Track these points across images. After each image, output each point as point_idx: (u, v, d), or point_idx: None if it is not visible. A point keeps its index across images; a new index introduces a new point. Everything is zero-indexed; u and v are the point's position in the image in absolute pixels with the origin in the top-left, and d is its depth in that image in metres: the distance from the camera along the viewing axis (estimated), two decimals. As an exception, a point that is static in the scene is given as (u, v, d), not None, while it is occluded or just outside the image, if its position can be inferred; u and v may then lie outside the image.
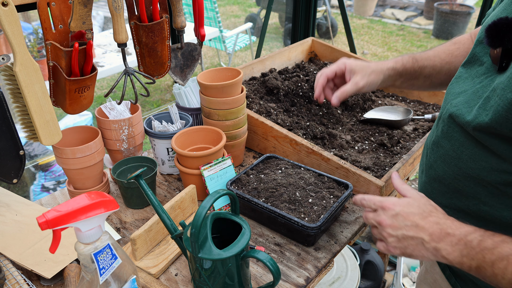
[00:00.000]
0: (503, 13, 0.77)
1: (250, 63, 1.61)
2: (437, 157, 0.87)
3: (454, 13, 5.90)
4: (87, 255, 0.68)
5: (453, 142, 0.82)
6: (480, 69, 0.81)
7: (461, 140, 0.80)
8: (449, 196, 0.85)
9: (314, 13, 2.17)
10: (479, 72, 0.81)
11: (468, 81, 0.83)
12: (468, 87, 0.82)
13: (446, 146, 0.83)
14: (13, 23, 0.82)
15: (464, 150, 0.79)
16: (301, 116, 1.45)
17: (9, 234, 0.98)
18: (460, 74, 0.87)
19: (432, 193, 0.89)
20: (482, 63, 0.81)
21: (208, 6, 4.22)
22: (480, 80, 0.80)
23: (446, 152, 0.83)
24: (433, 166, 0.89)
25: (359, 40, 6.17)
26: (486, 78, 0.78)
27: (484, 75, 0.79)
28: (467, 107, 0.78)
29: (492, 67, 0.78)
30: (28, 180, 2.65)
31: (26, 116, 0.95)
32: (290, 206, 1.02)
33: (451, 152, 0.82)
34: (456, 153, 0.81)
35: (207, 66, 5.35)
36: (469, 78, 0.84)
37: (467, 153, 0.78)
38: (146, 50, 1.11)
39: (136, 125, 1.19)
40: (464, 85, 0.84)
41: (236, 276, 0.80)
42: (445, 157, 0.84)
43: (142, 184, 0.85)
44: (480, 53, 0.82)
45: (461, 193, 0.82)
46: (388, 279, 2.17)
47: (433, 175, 0.89)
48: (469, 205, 0.81)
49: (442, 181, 0.86)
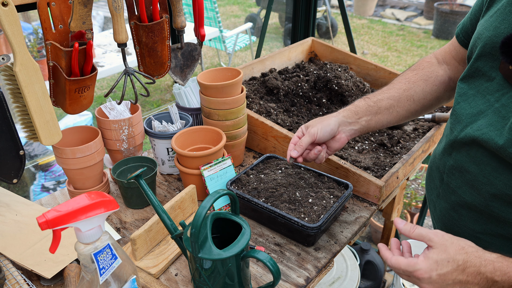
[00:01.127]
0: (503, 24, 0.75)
1: (250, 63, 1.61)
2: (462, 182, 0.84)
3: (454, 13, 5.90)
4: (87, 255, 0.68)
5: (483, 167, 0.79)
6: (491, 85, 0.79)
7: (494, 165, 0.77)
8: (482, 222, 0.82)
9: (314, 13, 2.17)
10: (490, 88, 0.79)
11: (479, 99, 0.81)
12: (484, 107, 0.79)
13: (475, 172, 0.81)
14: (13, 23, 0.82)
15: (498, 175, 0.76)
16: (301, 116, 1.45)
17: (9, 234, 0.98)
18: (464, 91, 0.85)
19: (460, 220, 0.87)
20: (491, 78, 0.79)
21: (208, 6, 4.22)
22: (495, 98, 0.77)
23: (475, 177, 0.81)
24: (456, 192, 0.86)
25: (359, 40, 6.17)
26: (503, 96, 0.76)
27: (499, 92, 0.77)
28: (494, 130, 0.76)
29: (505, 83, 0.76)
30: (28, 180, 2.65)
31: (26, 116, 0.95)
32: (290, 206, 1.02)
33: (481, 178, 0.79)
34: (488, 179, 0.78)
35: (207, 66, 5.35)
36: (478, 96, 0.81)
37: (502, 179, 0.76)
38: (146, 50, 1.11)
39: (136, 125, 1.19)
40: (477, 104, 0.81)
41: (236, 276, 0.79)
42: (474, 182, 0.81)
43: (142, 184, 0.85)
44: (485, 68, 0.80)
45: (496, 218, 0.79)
46: (388, 279, 2.17)
47: (457, 201, 0.86)
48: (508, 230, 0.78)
49: (472, 208, 0.83)
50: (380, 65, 1.71)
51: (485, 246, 0.77)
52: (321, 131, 1.02)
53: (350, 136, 1.07)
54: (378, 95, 1.07)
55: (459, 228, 0.88)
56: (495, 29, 0.76)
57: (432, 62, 1.08)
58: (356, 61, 1.75)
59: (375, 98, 1.06)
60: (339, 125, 1.04)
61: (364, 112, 1.05)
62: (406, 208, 2.76)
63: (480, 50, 0.80)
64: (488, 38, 0.77)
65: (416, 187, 3.01)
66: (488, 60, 0.79)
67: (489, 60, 0.79)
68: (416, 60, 5.43)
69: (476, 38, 0.82)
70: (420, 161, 1.35)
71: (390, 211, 1.73)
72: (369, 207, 1.15)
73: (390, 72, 1.68)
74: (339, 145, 1.06)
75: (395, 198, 1.60)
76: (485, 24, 0.80)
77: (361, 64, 1.74)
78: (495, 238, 0.81)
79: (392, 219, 1.74)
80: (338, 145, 1.06)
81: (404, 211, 2.75)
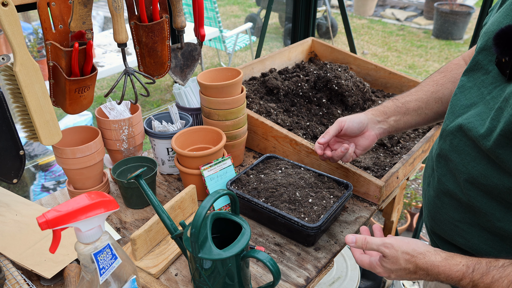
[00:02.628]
0: (506, 19, 0.76)
1: (250, 63, 1.61)
2: (445, 171, 0.85)
3: (454, 13, 5.90)
4: (87, 255, 0.68)
5: (463, 156, 0.80)
6: (487, 78, 0.79)
7: (473, 154, 0.78)
8: (461, 211, 0.83)
9: (314, 13, 2.17)
10: (485, 81, 0.79)
11: (475, 91, 0.81)
12: (477, 99, 0.80)
13: (456, 160, 0.81)
14: (13, 23, 0.82)
15: (476, 165, 0.77)
16: (301, 116, 1.45)
17: (9, 234, 0.98)
18: (462, 84, 0.85)
19: (442, 207, 0.88)
20: (488, 72, 0.79)
21: (208, 6, 4.22)
22: (488, 91, 0.78)
23: (456, 166, 0.81)
24: (441, 180, 0.87)
25: (359, 40, 6.17)
26: (495, 88, 0.76)
27: (492, 84, 0.77)
28: (480, 119, 0.76)
29: (499, 76, 0.76)
30: (28, 180, 2.65)
31: (26, 116, 0.95)
32: (290, 206, 1.02)
33: (461, 167, 0.80)
34: (466, 168, 0.79)
35: (207, 66, 5.35)
36: (474, 88, 0.82)
37: (478, 169, 0.76)
38: (146, 50, 1.11)
39: (136, 125, 1.19)
40: (471, 96, 0.81)
41: (236, 276, 0.80)
42: (455, 171, 0.82)
43: (142, 184, 0.85)
44: (484, 61, 0.80)
45: (473, 208, 0.80)
46: (388, 279, 2.17)
47: (441, 189, 0.87)
48: (483, 221, 0.79)
49: (453, 196, 0.84)
50: (380, 65, 1.71)
51: (463, 234, 0.83)
52: (350, 121, 1.03)
53: (379, 135, 1.07)
54: (406, 97, 1.08)
55: (441, 216, 0.89)
56: (498, 24, 0.77)
57: (460, 64, 1.08)
58: (356, 61, 1.75)
59: (403, 99, 1.07)
60: (368, 122, 1.05)
61: (392, 112, 1.06)
62: (406, 208, 2.76)
63: (482, 44, 0.81)
64: (491, 33, 0.78)
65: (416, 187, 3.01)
66: (487, 54, 0.80)
67: (488, 54, 0.80)
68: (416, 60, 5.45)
69: (483, 33, 0.83)
70: (420, 161, 1.35)
71: (390, 211, 1.73)
72: (369, 207, 1.15)
73: (390, 72, 1.68)
74: (369, 143, 1.06)
75: (395, 198, 1.60)
76: (493, 19, 0.81)
77: (361, 64, 1.74)
78: (472, 227, 0.82)
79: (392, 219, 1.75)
80: (368, 143, 1.06)
81: (404, 211, 2.75)
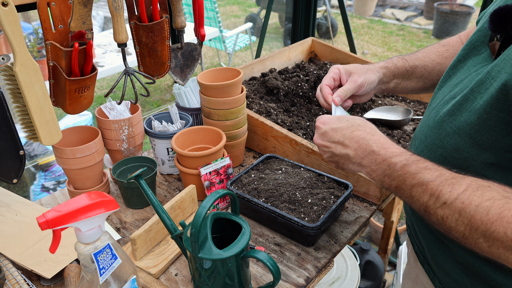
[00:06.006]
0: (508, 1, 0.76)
1: (250, 63, 1.61)
2: (424, 147, 0.86)
3: (454, 13, 5.90)
4: (87, 255, 0.68)
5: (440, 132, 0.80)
6: (477, 59, 0.79)
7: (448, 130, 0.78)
8: None
9: (314, 13, 2.17)
10: (476, 61, 0.80)
11: (464, 72, 0.82)
12: (463, 77, 0.80)
13: (433, 135, 0.82)
14: (13, 23, 0.82)
15: (450, 140, 0.77)
16: (301, 116, 1.45)
17: (9, 234, 0.98)
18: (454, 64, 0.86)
19: None
20: (480, 53, 0.80)
21: (208, 6, 4.22)
22: (476, 69, 0.78)
23: (433, 141, 0.82)
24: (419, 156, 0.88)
25: (359, 40, 6.17)
26: (482, 68, 0.76)
27: (481, 64, 0.78)
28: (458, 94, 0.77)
29: (489, 57, 0.76)
30: (28, 180, 2.66)
31: (26, 116, 0.95)
32: (290, 206, 1.02)
33: (438, 141, 0.81)
34: (442, 142, 0.79)
35: (207, 66, 5.35)
36: (464, 68, 0.82)
37: (452, 143, 0.77)
38: (146, 50, 1.11)
39: (136, 125, 1.19)
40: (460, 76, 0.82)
41: (236, 276, 0.80)
42: (432, 146, 0.82)
43: (142, 184, 0.85)
44: (477, 42, 0.80)
45: None
46: (388, 279, 2.17)
47: None
48: None
49: None
50: (380, 65, 1.71)
51: None
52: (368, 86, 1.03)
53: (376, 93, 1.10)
54: (415, 61, 1.07)
55: None
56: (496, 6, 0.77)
57: (459, 42, 1.08)
58: (356, 61, 1.75)
59: (412, 63, 1.07)
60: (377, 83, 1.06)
61: (399, 75, 1.06)
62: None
63: (480, 25, 0.82)
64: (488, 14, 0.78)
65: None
66: (481, 34, 0.80)
67: (482, 34, 0.80)
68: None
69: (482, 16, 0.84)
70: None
71: (390, 211, 1.73)
72: (369, 207, 1.15)
73: (390, 72, 1.68)
74: (365, 99, 1.07)
75: (395, 198, 1.60)
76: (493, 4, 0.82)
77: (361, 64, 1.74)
78: None
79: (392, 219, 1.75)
80: (365, 99, 1.07)
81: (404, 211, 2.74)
